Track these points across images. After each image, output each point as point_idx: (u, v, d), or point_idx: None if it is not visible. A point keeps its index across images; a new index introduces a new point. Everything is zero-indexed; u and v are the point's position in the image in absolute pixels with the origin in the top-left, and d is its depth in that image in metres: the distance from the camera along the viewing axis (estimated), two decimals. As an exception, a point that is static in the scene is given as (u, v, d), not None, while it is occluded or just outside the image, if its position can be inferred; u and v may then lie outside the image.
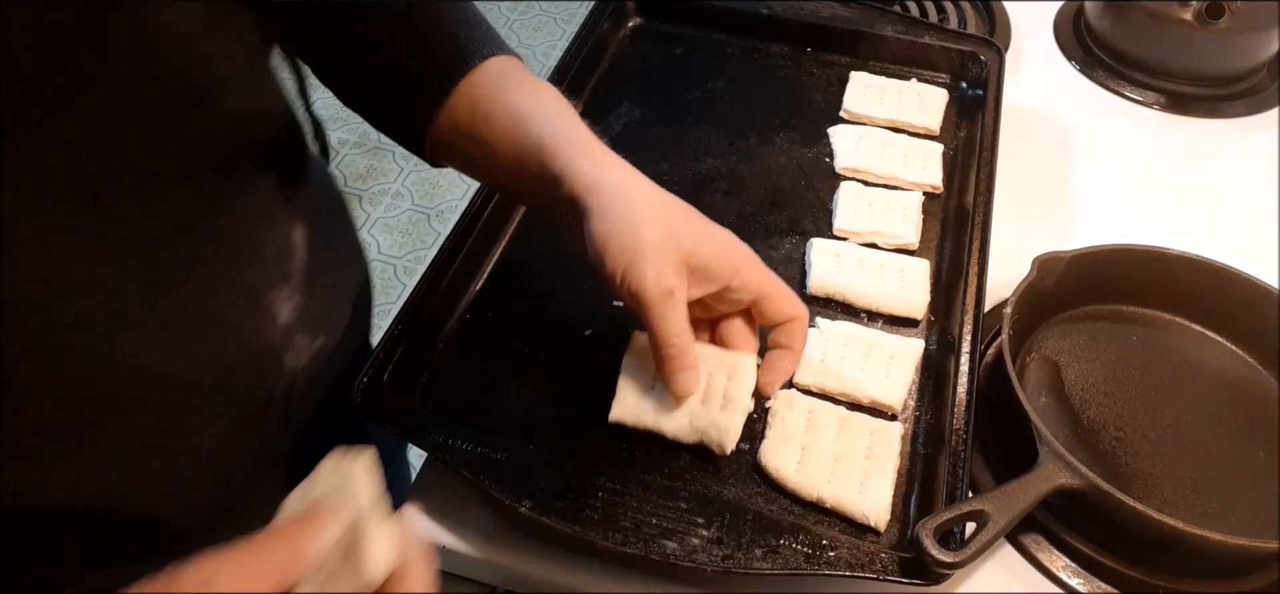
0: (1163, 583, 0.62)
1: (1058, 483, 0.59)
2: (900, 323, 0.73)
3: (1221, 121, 1.02)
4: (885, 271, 0.75)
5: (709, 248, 0.59)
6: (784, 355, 0.62)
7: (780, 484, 0.62)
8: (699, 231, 0.59)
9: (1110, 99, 1.05)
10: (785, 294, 0.61)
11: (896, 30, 0.97)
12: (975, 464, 0.67)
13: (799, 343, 0.62)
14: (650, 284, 0.56)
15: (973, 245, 0.75)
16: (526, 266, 0.77)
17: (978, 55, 0.94)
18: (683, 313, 0.58)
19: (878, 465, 0.62)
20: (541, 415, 0.66)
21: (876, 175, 0.84)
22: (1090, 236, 0.78)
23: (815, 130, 0.90)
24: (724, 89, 0.95)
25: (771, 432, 0.64)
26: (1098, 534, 0.63)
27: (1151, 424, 0.70)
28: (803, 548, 0.57)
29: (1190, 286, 0.76)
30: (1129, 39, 1.05)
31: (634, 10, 1.03)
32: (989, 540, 0.56)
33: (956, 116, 0.92)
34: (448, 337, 0.71)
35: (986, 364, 0.74)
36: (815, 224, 0.81)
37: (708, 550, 0.57)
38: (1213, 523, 0.62)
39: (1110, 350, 0.75)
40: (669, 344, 0.58)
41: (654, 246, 0.56)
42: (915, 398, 0.68)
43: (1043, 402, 0.72)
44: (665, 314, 0.57)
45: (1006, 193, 0.82)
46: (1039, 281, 0.72)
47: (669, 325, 0.57)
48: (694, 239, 0.58)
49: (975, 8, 1.15)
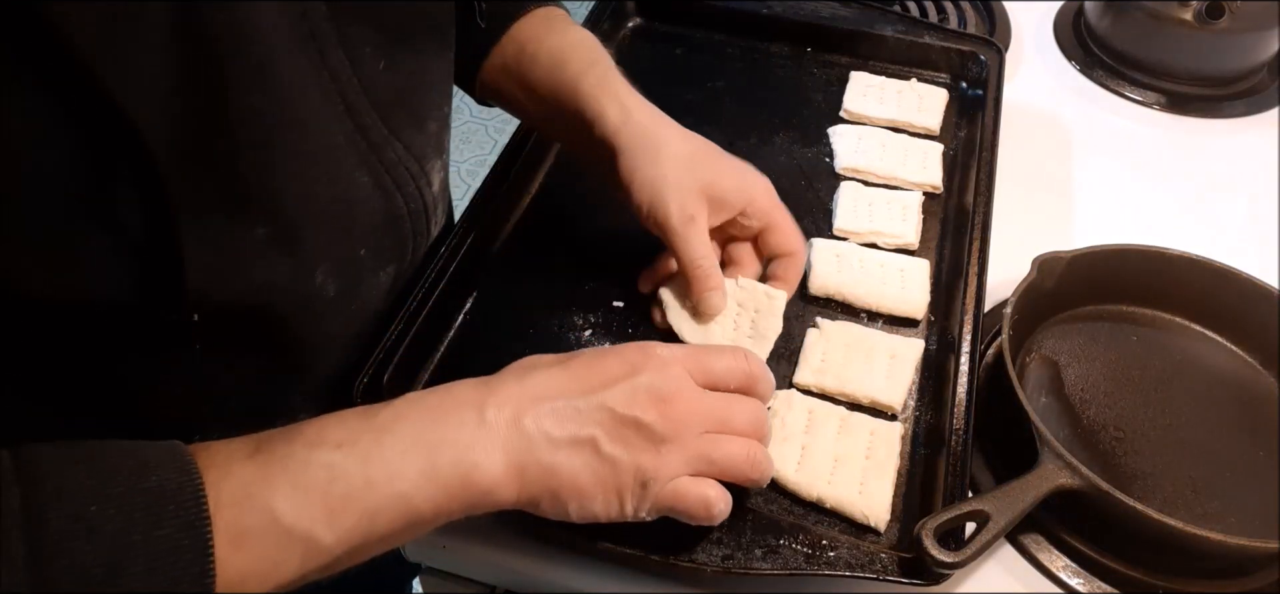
0: (1163, 583, 0.61)
1: (1058, 483, 0.59)
2: (900, 323, 0.73)
3: (1221, 121, 1.02)
4: (885, 272, 0.75)
5: (728, 180, 0.68)
6: (778, 284, 0.71)
7: (780, 484, 0.62)
8: (717, 165, 0.68)
9: (1110, 99, 1.04)
10: (789, 229, 0.70)
11: (896, 30, 0.97)
12: (975, 464, 0.67)
13: (794, 277, 0.72)
14: (674, 213, 0.65)
15: (973, 245, 0.75)
16: (528, 265, 0.77)
17: (978, 55, 0.94)
18: (705, 237, 0.66)
19: (878, 465, 0.62)
20: (541, 415, 0.66)
21: (876, 175, 0.84)
22: (1090, 236, 0.78)
23: (815, 130, 0.90)
24: (724, 89, 0.95)
25: (771, 432, 0.64)
26: (1098, 534, 0.63)
27: (1151, 424, 0.70)
28: (803, 548, 0.57)
29: (1190, 287, 0.76)
30: (1129, 39, 1.05)
31: (634, 10, 1.03)
32: (989, 540, 0.56)
33: (956, 116, 0.92)
34: (448, 337, 0.71)
35: (986, 364, 0.74)
36: (815, 224, 0.81)
37: (708, 550, 0.57)
38: (1213, 523, 0.62)
39: (1110, 350, 0.75)
40: (695, 265, 0.66)
41: (676, 179, 0.65)
42: (915, 398, 0.68)
43: (1043, 402, 0.72)
44: (689, 239, 0.65)
45: (1006, 193, 0.82)
46: (1039, 282, 0.72)
47: (693, 248, 0.66)
48: (713, 171, 0.67)
49: (975, 8, 1.15)
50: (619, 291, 0.74)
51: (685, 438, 0.52)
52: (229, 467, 0.44)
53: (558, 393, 0.52)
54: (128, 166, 0.46)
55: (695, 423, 0.53)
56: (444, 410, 0.51)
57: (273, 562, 0.44)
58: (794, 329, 0.72)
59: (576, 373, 0.53)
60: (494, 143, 2.54)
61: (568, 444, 0.51)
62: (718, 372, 0.56)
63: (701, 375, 0.55)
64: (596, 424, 0.51)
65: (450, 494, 0.49)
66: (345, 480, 0.46)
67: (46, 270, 0.48)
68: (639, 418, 0.51)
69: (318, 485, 0.45)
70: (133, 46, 0.43)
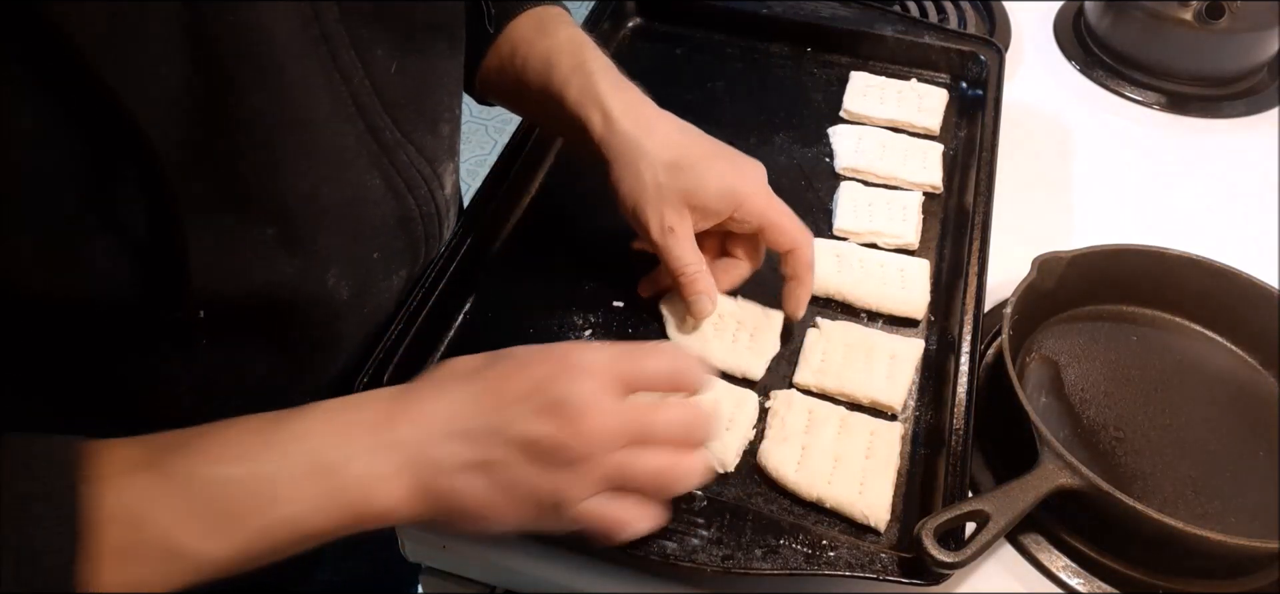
0: (1163, 583, 0.61)
1: (1058, 483, 0.59)
2: (900, 323, 0.73)
3: (1221, 121, 1.02)
4: (885, 272, 0.75)
5: (712, 187, 0.66)
6: (793, 284, 0.69)
7: (780, 484, 0.62)
8: (702, 170, 0.66)
9: (1110, 99, 1.04)
10: (786, 226, 0.68)
11: (896, 30, 0.97)
12: (975, 464, 0.67)
13: (803, 271, 0.69)
14: (653, 226, 0.66)
15: (973, 245, 0.75)
16: (528, 265, 0.77)
17: (978, 55, 0.94)
18: (687, 245, 0.66)
19: (878, 466, 0.62)
20: (541, 415, 0.66)
21: (876, 175, 0.84)
22: (1090, 236, 0.78)
23: (815, 130, 0.90)
24: (724, 89, 0.95)
25: (771, 432, 0.64)
26: (1098, 534, 0.63)
27: (1151, 424, 0.70)
28: (803, 548, 0.57)
29: (1190, 287, 0.76)
30: (1129, 39, 1.05)
31: (634, 10, 1.03)
32: (989, 540, 0.56)
33: (956, 116, 0.92)
34: (448, 337, 0.71)
35: (986, 364, 0.74)
36: (815, 224, 0.80)
37: (708, 550, 0.57)
38: (1213, 523, 0.62)
39: (1110, 350, 0.75)
40: (679, 273, 0.67)
41: (655, 191, 0.65)
42: (915, 398, 0.68)
43: (1043, 402, 0.71)
44: (670, 248, 0.66)
45: (1006, 193, 0.82)
46: (1039, 282, 0.72)
47: (674, 257, 0.66)
48: (696, 179, 0.66)
49: (975, 8, 1.15)
50: (619, 292, 0.74)
51: (597, 457, 0.50)
52: (122, 478, 0.44)
53: (467, 413, 0.50)
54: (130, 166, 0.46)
55: (609, 440, 0.50)
56: (349, 430, 0.49)
57: (162, 574, 0.45)
58: (794, 329, 0.72)
59: (490, 386, 0.51)
60: (494, 143, 2.54)
61: (472, 468, 0.49)
62: (646, 374, 0.53)
63: (628, 379, 0.52)
64: (502, 446, 0.49)
65: (347, 515, 0.48)
66: (240, 501, 0.46)
67: (47, 270, 0.48)
68: (547, 438, 0.49)
69: (212, 505, 0.45)
70: (136, 47, 0.43)
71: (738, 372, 0.69)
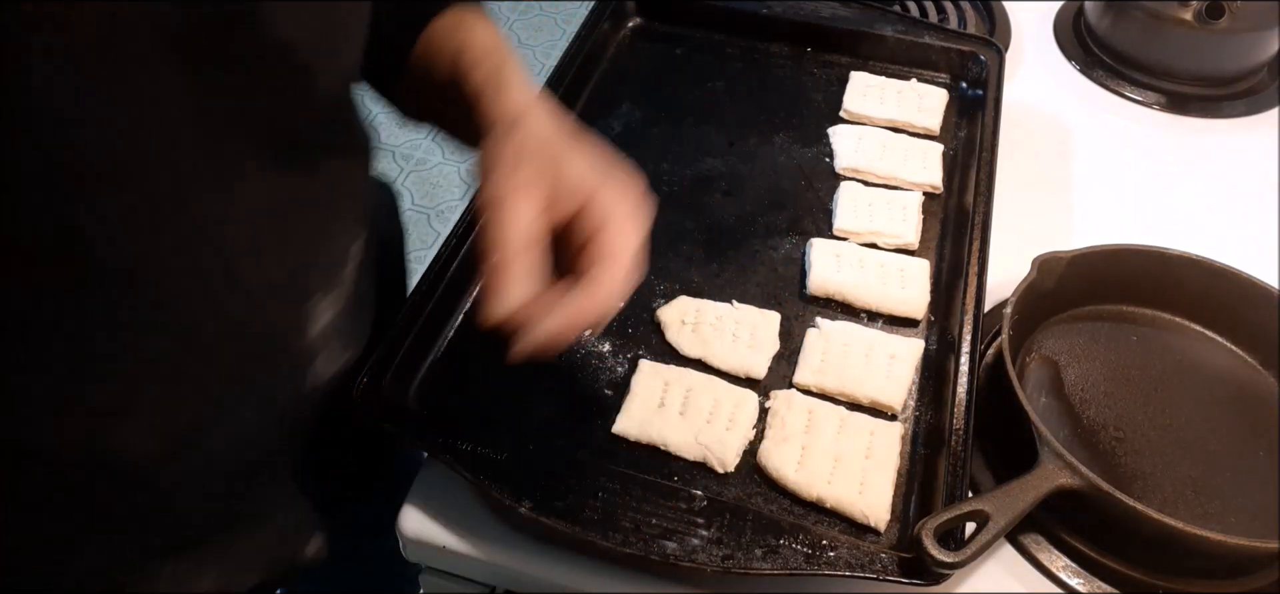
0: (1163, 583, 0.62)
1: (1058, 483, 0.59)
2: (900, 323, 0.73)
3: (1221, 121, 1.02)
4: (885, 271, 0.75)
5: (574, 167, 0.57)
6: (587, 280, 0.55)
7: (780, 484, 0.62)
8: (573, 156, 0.57)
9: (1110, 99, 1.04)
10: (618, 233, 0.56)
11: (896, 30, 0.97)
12: (975, 464, 0.67)
13: (598, 290, 0.55)
14: (485, 189, 0.55)
15: (973, 245, 0.75)
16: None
17: (978, 55, 0.94)
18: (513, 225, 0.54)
19: (878, 465, 0.62)
20: (541, 415, 0.66)
21: (876, 175, 0.84)
22: (1090, 236, 0.78)
23: (815, 130, 0.90)
24: (724, 89, 0.95)
25: (771, 432, 0.64)
26: (1098, 534, 0.63)
27: (1151, 424, 0.70)
28: (803, 548, 0.57)
29: (1190, 287, 0.76)
30: (1129, 39, 1.05)
31: (634, 10, 1.03)
32: (989, 540, 0.56)
33: (956, 116, 0.92)
34: (448, 337, 0.71)
35: (986, 364, 0.74)
36: (815, 224, 0.81)
37: (708, 550, 0.57)
38: (1213, 523, 0.63)
39: (1110, 350, 0.75)
40: (489, 252, 0.54)
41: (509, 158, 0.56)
42: (915, 398, 0.68)
43: (1043, 402, 0.72)
44: (489, 222, 0.54)
45: (1006, 193, 0.82)
46: (1039, 282, 0.72)
47: (488, 232, 0.54)
48: (562, 157, 0.57)
49: (975, 8, 1.15)
50: (619, 292, 0.74)
51: None
52: None
53: None
54: None
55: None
56: None
57: None
58: (794, 329, 0.72)
59: None
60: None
61: None
62: None
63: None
64: None
65: None
66: None
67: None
68: None
69: None
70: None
71: (740, 371, 0.68)
